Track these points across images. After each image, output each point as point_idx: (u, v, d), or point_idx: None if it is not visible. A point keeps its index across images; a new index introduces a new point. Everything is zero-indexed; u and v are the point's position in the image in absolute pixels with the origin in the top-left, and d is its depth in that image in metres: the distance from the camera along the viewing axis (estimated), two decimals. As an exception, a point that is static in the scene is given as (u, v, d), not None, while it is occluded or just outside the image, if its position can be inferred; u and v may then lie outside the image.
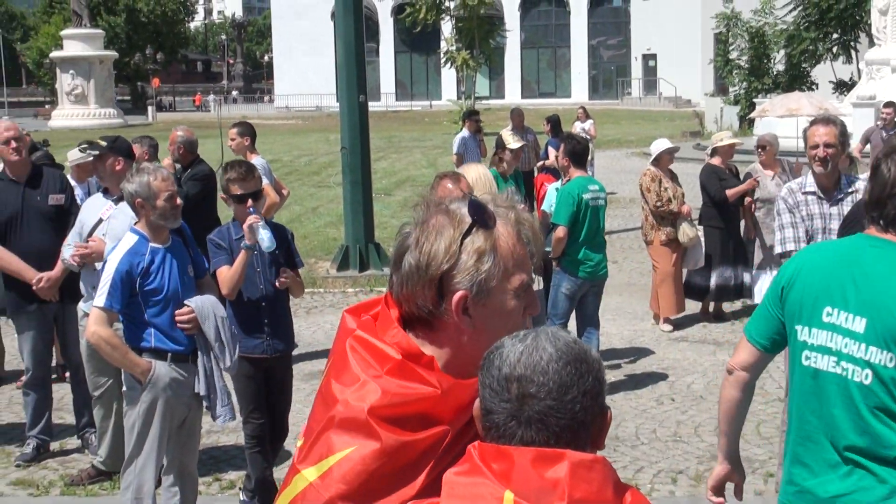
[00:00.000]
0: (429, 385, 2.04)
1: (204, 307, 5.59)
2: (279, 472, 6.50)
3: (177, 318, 5.50)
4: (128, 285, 5.39)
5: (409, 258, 2.10)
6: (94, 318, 5.43)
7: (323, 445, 2.07)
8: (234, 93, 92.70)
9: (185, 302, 5.56)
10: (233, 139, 9.84)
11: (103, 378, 6.91)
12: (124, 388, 5.67)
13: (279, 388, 6.50)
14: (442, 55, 51.90)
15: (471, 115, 16.96)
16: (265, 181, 8.67)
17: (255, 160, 9.01)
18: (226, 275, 6.12)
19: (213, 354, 5.61)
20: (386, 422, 2.01)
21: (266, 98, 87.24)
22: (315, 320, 11.87)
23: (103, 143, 6.85)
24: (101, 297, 5.39)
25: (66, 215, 7.39)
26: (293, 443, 7.50)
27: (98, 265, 6.40)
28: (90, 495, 6.98)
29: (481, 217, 2.08)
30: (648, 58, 71.77)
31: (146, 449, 5.50)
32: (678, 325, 11.20)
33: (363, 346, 2.11)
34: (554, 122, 17.33)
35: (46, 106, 77.85)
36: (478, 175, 8.45)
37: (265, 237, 6.08)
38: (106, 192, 6.92)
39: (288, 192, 10.73)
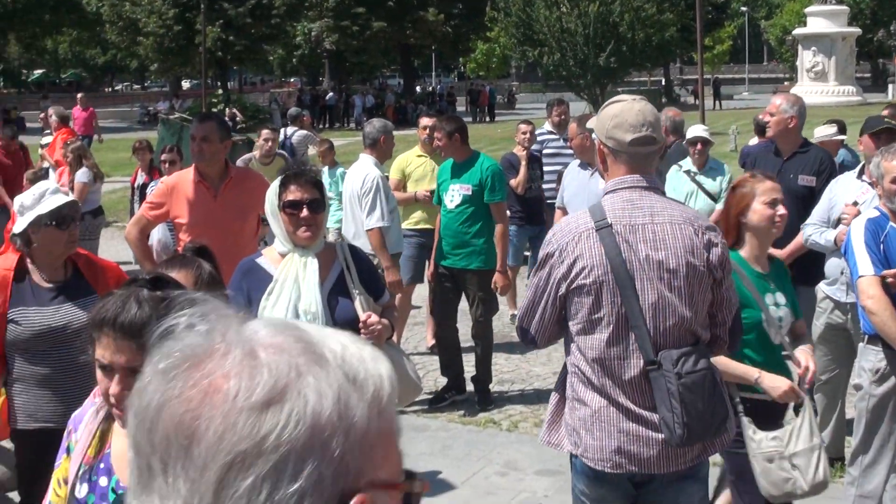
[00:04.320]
0: None
1: None
2: None
3: None
4: (873, 249, 5.17)
5: None
6: (863, 286, 5.20)
7: None
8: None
9: None
10: None
11: (833, 365, 6.88)
12: (854, 381, 5.58)
13: None
14: None
15: None
16: None
17: None
18: None
19: None
20: None
21: None
22: None
23: None
24: (864, 265, 5.20)
25: (814, 196, 7.29)
26: None
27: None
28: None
29: None
30: None
31: (874, 446, 5.34)
32: None
33: None
34: None
35: (785, 83, 78.91)
36: None
37: None
38: (860, 175, 6.83)
39: None
